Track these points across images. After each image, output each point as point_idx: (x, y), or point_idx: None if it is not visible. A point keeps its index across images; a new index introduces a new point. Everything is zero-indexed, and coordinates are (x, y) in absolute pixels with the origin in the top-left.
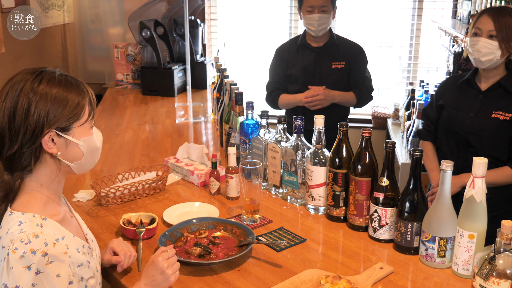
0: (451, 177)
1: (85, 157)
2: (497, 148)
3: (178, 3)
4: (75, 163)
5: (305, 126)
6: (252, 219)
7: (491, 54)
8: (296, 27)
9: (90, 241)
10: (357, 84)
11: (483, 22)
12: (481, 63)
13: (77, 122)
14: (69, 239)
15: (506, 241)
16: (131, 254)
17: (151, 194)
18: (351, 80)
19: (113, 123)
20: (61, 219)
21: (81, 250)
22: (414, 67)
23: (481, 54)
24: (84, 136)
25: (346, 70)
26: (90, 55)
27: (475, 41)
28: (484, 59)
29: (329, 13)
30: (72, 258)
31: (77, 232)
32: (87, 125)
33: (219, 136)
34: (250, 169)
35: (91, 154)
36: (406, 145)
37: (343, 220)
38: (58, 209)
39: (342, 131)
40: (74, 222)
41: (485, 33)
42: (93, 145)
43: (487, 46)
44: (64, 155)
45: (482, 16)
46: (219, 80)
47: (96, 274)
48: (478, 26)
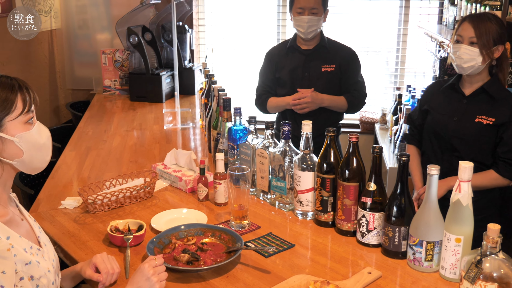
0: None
1: (26, 153)
2: (481, 152)
3: (166, 9)
4: (15, 160)
5: (294, 132)
6: (241, 225)
7: (473, 61)
8: (284, 32)
9: (42, 244)
10: (349, 88)
11: (464, 29)
12: (463, 69)
13: (8, 116)
14: (14, 239)
15: (493, 245)
16: (114, 272)
17: (139, 201)
18: (343, 85)
19: (100, 129)
20: (7, 221)
21: (29, 250)
22: (401, 72)
23: (462, 60)
24: (20, 132)
25: (337, 74)
26: (78, 61)
27: (457, 48)
28: (466, 65)
29: (319, 15)
30: (18, 256)
31: (27, 235)
32: (21, 119)
33: (207, 142)
34: (238, 175)
35: (35, 151)
36: (394, 149)
37: (331, 225)
38: (4, 211)
39: (329, 136)
40: (24, 225)
41: (466, 40)
42: (34, 141)
43: (468, 53)
44: (0, 153)
45: (463, 23)
46: (207, 86)
47: (48, 274)
48: (459, 33)
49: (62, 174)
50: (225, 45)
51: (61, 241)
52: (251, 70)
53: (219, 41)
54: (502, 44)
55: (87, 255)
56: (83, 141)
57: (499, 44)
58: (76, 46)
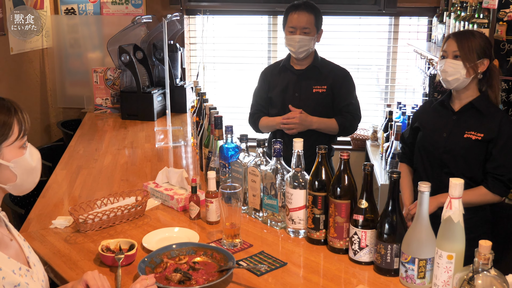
0: None
1: (19, 178)
2: (471, 168)
3: (157, 27)
4: (9, 185)
5: (284, 154)
6: (233, 244)
7: (457, 73)
8: (275, 50)
9: (31, 265)
10: (341, 110)
11: (449, 44)
12: (449, 83)
13: (6, 142)
14: (3, 261)
15: (484, 261)
16: None
17: (130, 220)
18: (335, 106)
19: (91, 148)
20: None
21: (18, 272)
22: (391, 89)
23: (447, 74)
24: (15, 157)
25: (329, 95)
26: (69, 79)
27: (442, 63)
28: (450, 78)
29: (311, 35)
30: (7, 279)
31: (16, 255)
32: (17, 144)
33: (199, 160)
34: (230, 193)
35: (27, 175)
36: (385, 166)
37: (323, 243)
38: None
39: (320, 154)
40: (13, 246)
41: (450, 54)
42: (27, 165)
43: (452, 66)
44: None
45: (448, 40)
46: (198, 104)
47: None
48: (444, 49)
49: (53, 193)
50: (216, 63)
51: (51, 261)
52: (242, 88)
53: (210, 59)
54: (487, 58)
55: (77, 275)
56: (74, 160)
57: (483, 57)
58: (67, 65)
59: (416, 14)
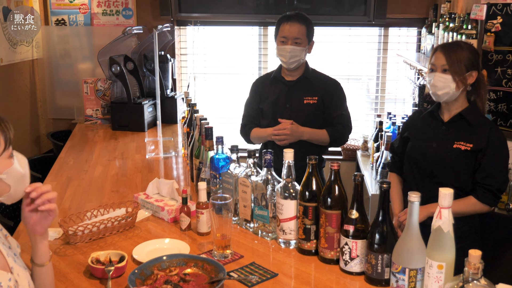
0: None
1: (13, 188)
2: (460, 178)
3: (148, 38)
4: (3, 196)
5: (275, 165)
6: (223, 255)
7: (447, 87)
8: (265, 61)
9: (15, 275)
10: (332, 121)
11: (437, 58)
12: (439, 96)
13: None
14: None
15: (474, 271)
16: None
17: (120, 231)
18: (326, 117)
19: (82, 159)
20: None
21: (7, 283)
22: (382, 99)
23: (437, 88)
24: (6, 168)
25: (320, 106)
26: (59, 90)
27: (431, 77)
28: (440, 92)
29: (303, 46)
30: None
31: (2, 266)
32: (5, 154)
33: (190, 171)
34: (221, 204)
35: (18, 183)
36: (376, 176)
37: (314, 254)
38: None
39: (311, 164)
40: None
41: (439, 68)
42: (17, 174)
43: (441, 81)
44: None
45: (436, 53)
46: (189, 114)
47: None
48: (433, 63)
49: None
50: (207, 74)
51: None
52: (233, 99)
53: (201, 70)
54: (475, 69)
55: None
56: (64, 171)
57: (471, 70)
58: (57, 76)
59: (405, 25)
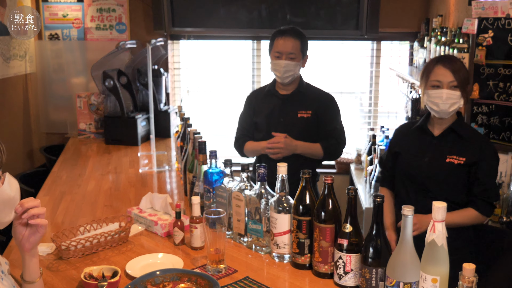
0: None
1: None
2: (454, 191)
3: (141, 53)
4: None
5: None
6: (217, 269)
7: (456, 104)
8: (258, 75)
9: None
10: (326, 135)
11: (442, 74)
12: (448, 113)
13: None
14: None
15: (468, 284)
16: None
17: (113, 246)
18: (320, 131)
19: (75, 174)
20: None
21: None
22: (375, 112)
23: (447, 105)
24: None
25: (313, 120)
26: (52, 104)
27: (439, 94)
28: (451, 109)
29: (297, 61)
30: None
31: None
32: None
33: (183, 185)
34: (214, 218)
35: (5, 206)
36: (369, 189)
37: (308, 268)
38: None
39: (304, 178)
40: None
41: (446, 84)
42: (6, 196)
43: (452, 97)
44: None
45: (438, 68)
46: (182, 128)
47: None
48: (437, 79)
49: None
50: (200, 88)
51: None
52: (226, 113)
53: (194, 84)
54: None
55: None
56: (57, 186)
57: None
58: (51, 90)
59: (397, 38)
